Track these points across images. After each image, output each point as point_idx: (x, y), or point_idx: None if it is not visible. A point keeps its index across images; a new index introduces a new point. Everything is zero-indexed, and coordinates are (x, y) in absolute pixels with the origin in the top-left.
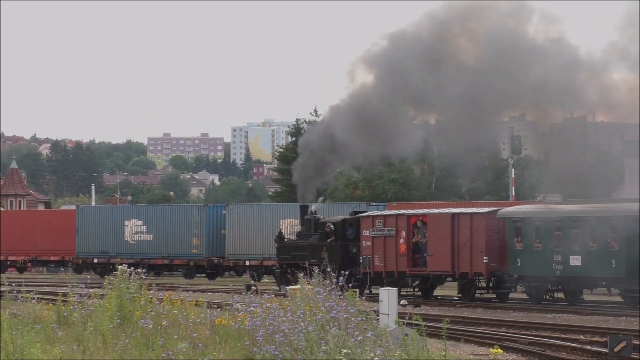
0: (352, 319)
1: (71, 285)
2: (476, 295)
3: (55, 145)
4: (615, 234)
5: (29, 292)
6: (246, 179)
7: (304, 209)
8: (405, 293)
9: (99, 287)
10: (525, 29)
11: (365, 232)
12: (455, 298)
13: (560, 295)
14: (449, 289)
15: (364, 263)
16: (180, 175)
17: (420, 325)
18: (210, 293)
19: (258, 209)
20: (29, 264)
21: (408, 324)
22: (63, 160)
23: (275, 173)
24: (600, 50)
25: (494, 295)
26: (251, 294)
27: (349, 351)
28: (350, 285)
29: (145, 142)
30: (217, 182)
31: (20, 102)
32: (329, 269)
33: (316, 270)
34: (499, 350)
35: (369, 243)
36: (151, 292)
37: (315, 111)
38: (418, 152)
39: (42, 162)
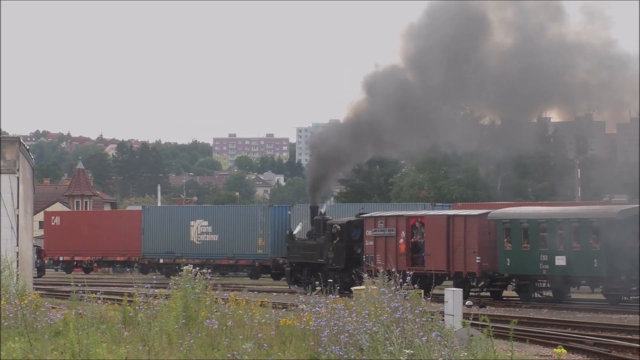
0: (417, 319)
1: (137, 286)
2: (470, 293)
3: (122, 146)
4: (596, 235)
5: (95, 292)
6: None
7: (313, 210)
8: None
9: (165, 288)
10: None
11: (368, 233)
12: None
13: (549, 293)
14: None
15: (367, 262)
16: (245, 175)
17: (484, 326)
18: (275, 293)
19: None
20: (95, 265)
21: (473, 325)
22: (129, 161)
23: (340, 173)
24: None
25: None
26: (316, 294)
27: (412, 352)
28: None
29: (211, 143)
30: (283, 183)
31: (87, 103)
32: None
33: (381, 271)
34: (563, 350)
35: (371, 243)
36: (216, 292)
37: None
38: (474, 151)
39: (108, 162)
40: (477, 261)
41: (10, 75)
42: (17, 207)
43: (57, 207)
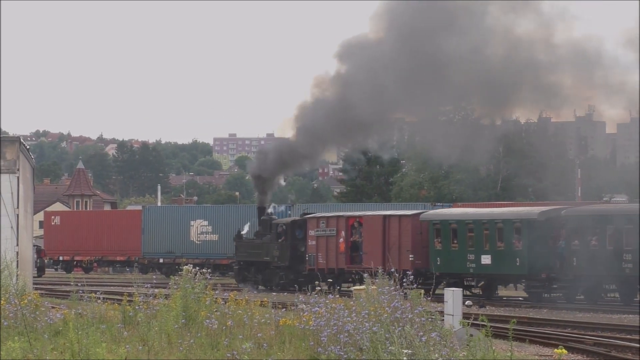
0: (417, 319)
1: (137, 285)
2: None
3: (122, 146)
4: (519, 235)
5: (94, 292)
6: (311, 180)
7: (261, 210)
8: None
9: (165, 287)
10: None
11: (311, 232)
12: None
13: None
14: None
15: (309, 260)
16: (246, 175)
17: (483, 325)
18: (274, 293)
19: (323, 208)
20: (95, 264)
21: (473, 325)
22: (129, 161)
23: (341, 173)
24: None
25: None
26: (316, 294)
27: (411, 351)
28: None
29: (211, 143)
30: (282, 182)
31: (87, 103)
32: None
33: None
34: (564, 350)
35: (314, 242)
36: (216, 292)
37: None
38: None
39: (108, 162)
40: (411, 259)
41: (10, 75)
42: (17, 207)
43: (57, 206)
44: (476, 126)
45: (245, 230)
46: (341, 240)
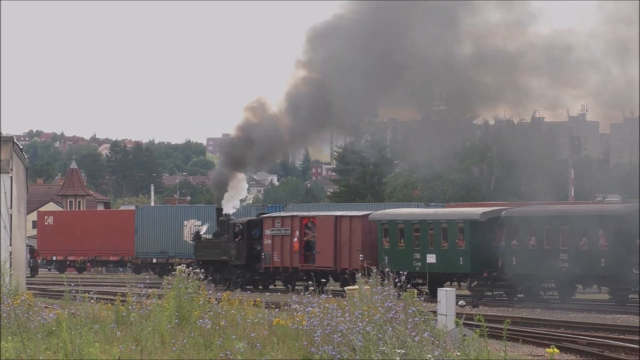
0: (410, 319)
1: (130, 285)
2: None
3: (115, 146)
4: (462, 235)
5: (88, 292)
6: (304, 180)
7: (219, 211)
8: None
9: (158, 287)
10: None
11: (267, 232)
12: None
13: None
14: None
15: (265, 259)
16: None
17: (476, 325)
18: (268, 293)
19: (317, 208)
20: (88, 264)
21: (466, 325)
22: (122, 161)
23: (334, 173)
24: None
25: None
26: (309, 294)
27: (404, 351)
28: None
29: (205, 143)
30: (276, 183)
31: (80, 103)
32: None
33: (375, 272)
34: (556, 350)
35: (269, 241)
36: (209, 292)
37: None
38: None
39: (101, 162)
40: (361, 259)
41: (3, 76)
42: (11, 207)
43: (51, 206)
44: (469, 126)
45: (204, 230)
46: (295, 239)
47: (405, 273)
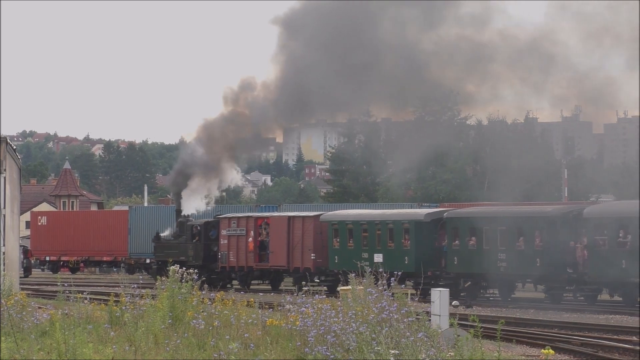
0: (403, 319)
1: (123, 286)
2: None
3: (108, 146)
4: (407, 235)
5: (81, 292)
6: (298, 180)
7: (178, 213)
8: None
9: (151, 288)
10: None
11: (223, 232)
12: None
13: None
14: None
15: (221, 259)
16: None
17: (469, 326)
18: (261, 294)
19: (310, 208)
20: (82, 265)
21: (460, 325)
22: (116, 161)
23: (327, 174)
24: None
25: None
26: (303, 294)
27: (398, 352)
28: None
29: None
30: (269, 183)
31: (74, 103)
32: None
33: (368, 271)
34: (551, 351)
35: (225, 241)
36: (203, 292)
37: (368, 111)
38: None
39: (95, 162)
40: (312, 258)
41: None
42: (4, 207)
43: (44, 207)
44: (462, 126)
45: (167, 232)
46: (250, 239)
47: (399, 273)
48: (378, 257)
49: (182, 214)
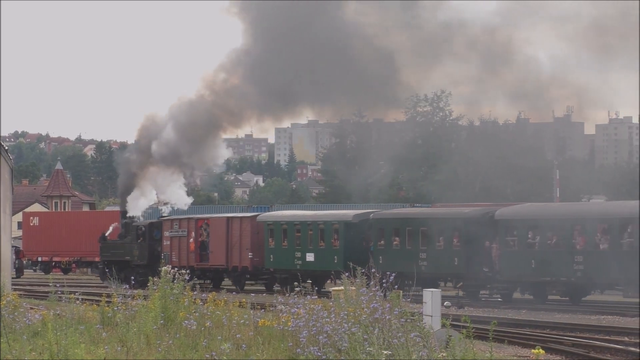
0: (396, 320)
1: (115, 286)
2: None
3: (100, 147)
4: (337, 235)
5: (73, 292)
6: (290, 181)
7: (124, 214)
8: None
9: (143, 288)
10: None
11: (166, 233)
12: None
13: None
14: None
15: (164, 259)
16: (224, 176)
17: (461, 326)
18: (253, 294)
19: (302, 209)
20: (74, 265)
21: (452, 326)
22: (108, 162)
23: (319, 174)
24: None
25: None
26: (295, 295)
27: (390, 352)
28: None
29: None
30: (261, 183)
31: (66, 104)
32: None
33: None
34: (541, 351)
35: (168, 242)
36: (195, 293)
37: (360, 112)
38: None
39: (87, 163)
40: (250, 257)
41: None
42: None
43: (36, 207)
44: (454, 127)
45: (109, 231)
46: (191, 240)
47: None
48: (310, 256)
49: (128, 215)
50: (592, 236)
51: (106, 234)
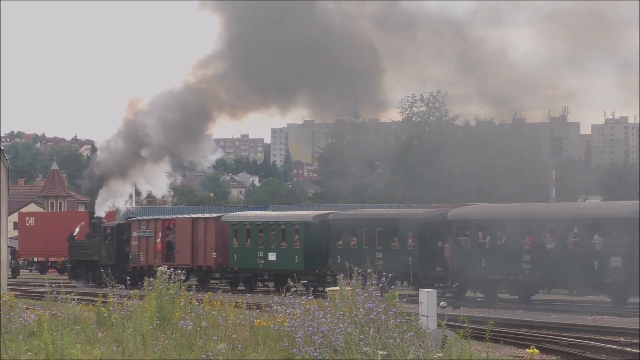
0: (391, 320)
1: (111, 286)
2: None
3: (96, 147)
4: (298, 235)
5: (69, 293)
6: (286, 181)
7: (92, 215)
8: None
9: (139, 289)
10: None
11: (134, 234)
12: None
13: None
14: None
15: (132, 259)
16: (220, 176)
17: (457, 327)
18: (249, 294)
19: (298, 209)
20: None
21: (448, 326)
22: None
23: (316, 174)
24: None
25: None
26: (291, 295)
27: (386, 352)
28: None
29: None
30: (257, 184)
31: (61, 104)
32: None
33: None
34: (535, 350)
35: (136, 242)
36: (191, 293)
37: (355, 112)
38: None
39: (83, 163)
40: (214, 257)
41: None
42: None
43: (32, 207)
44: (450, 127)
45: (77, 231)
46: (158, 240)
47: (389, 275)
48: (272, 256)
49: (95, 215)
50: (539, 236)
51: (74, 234)
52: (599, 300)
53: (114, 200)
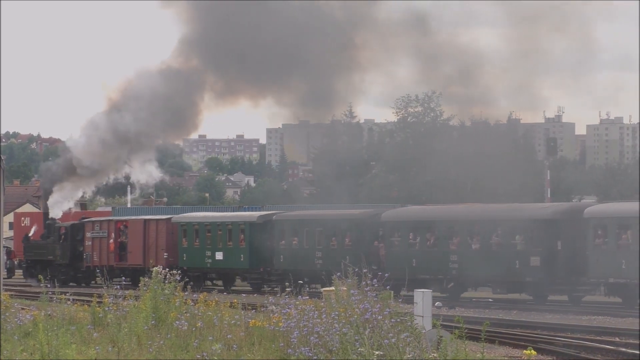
0: (387, 320)
1: (106, 287)
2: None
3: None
4: (243, 235)
5: (64, 293)
6: (281, 181)
7: (46, 215)
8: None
9: (134, 289)
10: None
11: (88, 234)
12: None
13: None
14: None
15: (86, 258)
16: (215, 177)
17: (453, 327)
18: (244, 295)
19: (293, 209)
20: None
21: (443, 326)
22: None
23: (311, 175)
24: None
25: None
26: (286, 295)
27: (381, 352)
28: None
29: (181, 144)
30: (253, 184)
31: (57, 104)
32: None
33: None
34: (533, 351)
35: (90, 243)
36: (186, 293)
37: (351, 112)
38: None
39: None
40: (165, 257)
41: None
42: None
43: (27, 208)
44: (445, 127)
45: (32, 232)
46: (111, 241)
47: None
48: (219, 255)
49: (50, 216)
50: (465, 237)
51: (29, 235)
52: (594, 300)
53: (69, 202)
